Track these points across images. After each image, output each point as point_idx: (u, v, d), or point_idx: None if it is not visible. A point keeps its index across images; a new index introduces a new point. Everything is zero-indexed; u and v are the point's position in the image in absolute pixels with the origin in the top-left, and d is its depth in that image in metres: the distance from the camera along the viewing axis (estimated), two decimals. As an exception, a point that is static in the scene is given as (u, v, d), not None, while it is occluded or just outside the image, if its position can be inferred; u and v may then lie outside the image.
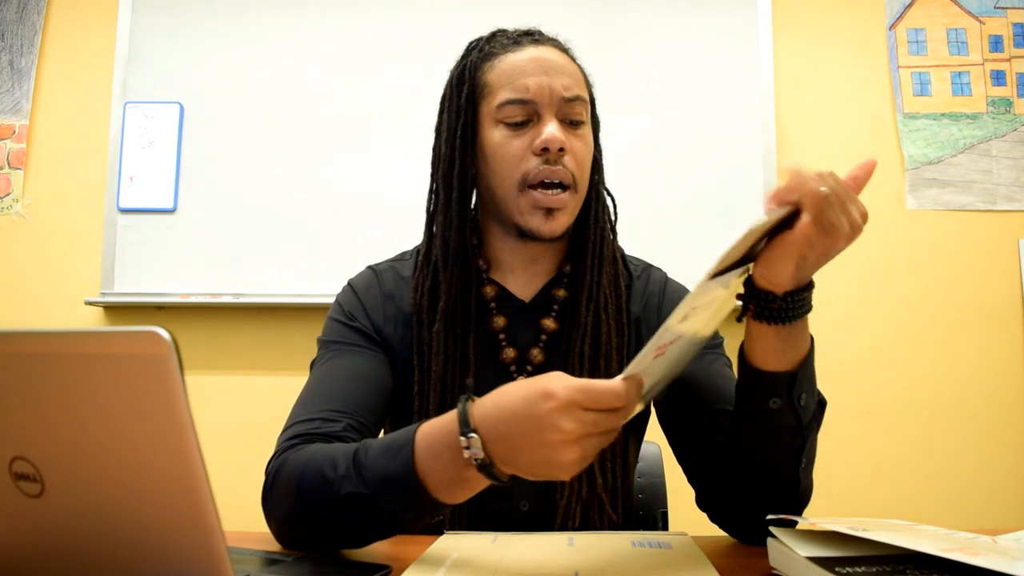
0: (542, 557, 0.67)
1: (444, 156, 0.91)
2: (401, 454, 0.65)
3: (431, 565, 0.64)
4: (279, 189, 2.31)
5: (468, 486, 0.63)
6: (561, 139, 0.85)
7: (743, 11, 2.35)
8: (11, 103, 2.42)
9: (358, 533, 0.70)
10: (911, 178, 2.36)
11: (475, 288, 0.92)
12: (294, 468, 0.73)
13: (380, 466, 0.66)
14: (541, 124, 0.86)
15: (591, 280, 0.91)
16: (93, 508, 0.44)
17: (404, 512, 0.66)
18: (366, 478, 0.66)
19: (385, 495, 0.65)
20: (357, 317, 0.92)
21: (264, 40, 2.36)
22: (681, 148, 2.31)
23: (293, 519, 0.72)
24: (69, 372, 0.42)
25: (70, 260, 2.37)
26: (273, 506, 0.75)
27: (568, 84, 0.88)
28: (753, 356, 0.73)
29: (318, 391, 0.86)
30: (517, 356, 0.92)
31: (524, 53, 0.89)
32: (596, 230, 0.94)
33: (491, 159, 0.89)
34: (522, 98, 0.86)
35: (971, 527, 0.67)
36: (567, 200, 0.88)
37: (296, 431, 0.80)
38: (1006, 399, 2.27)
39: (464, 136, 0.90)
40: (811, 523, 0.61)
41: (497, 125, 0.88)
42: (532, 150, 0.86)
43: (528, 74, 0.87)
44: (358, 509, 0.66)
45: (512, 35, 0.92)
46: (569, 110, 0.88)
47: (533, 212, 0.87)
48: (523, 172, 0.86)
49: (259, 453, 0.80)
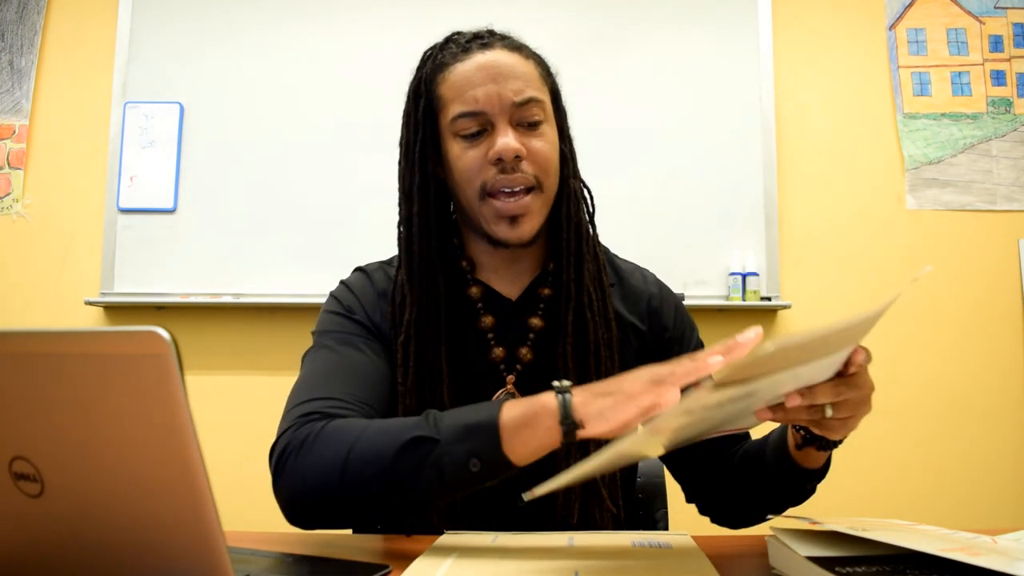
0: (542, 557, 0.67)
1: (405, 169, 0.91)
2: (485, 408, 0.70)
3: (431, 565, 0.64)
4: (279, 189, 2.31)
5: (537, 434, 0.67)
6: (515, 147, 0.85)
7: (743, 11, 2.35)
8: (11, 103, 2.42)
9: (403, 490, 0.69)
10: (911, 178, 2.36)
11: (457, 290, 0.92)
12: (344, 428, 0.73)
13: (460, 417, 0.70)
14: (495, 133, 0.86)
15: (568, 279, 0.91)
16: (93, 508, 0.44)
17: (468, 459, 0.67)
18: (440, 427, 0.69)
19: (456, 441, 0.68)
20: (355, 311, 0.92)
21: (264, 40, 2.36)
22: (681, 148, 2.31)
23: (329, 480, 0.71)
24: (69, 372, 0.42)
25: (70, 260, 2.37)
26: (298, 471, 0.73)
27: (519, 87, 0.86)
28: (795, 455, 0.80)
29: (325, 374, 0.85)
30: (506, 355, 0.92)
31: (471, 62, 0.87)
32: (569, 227, 0.92)
33: (452, 172, 0.89)
34: (472, 110, 0.86)
35: (971, 527, 0.67)
36: (530, 203, 0.87)
37: (311, 408, 0.79)
38: (1006, 399, 2.28)
39: (423, 149, 0.89)
40: (811, 523, 0.61)
41: (454, 138, 0.88)
42: (488, 160, 0.86)
43: (476, 84, 0.85)
44: (418, 455, 0.68)
45: (462, 41, 0.90)
46: (524, 113, 0.87)
47: (498, 221, 0.87)
48: (481, 182, 0.86)
49: (259, 453, 0.80)
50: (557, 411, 0.66)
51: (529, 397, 0.69)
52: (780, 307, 2.27)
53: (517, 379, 0.91)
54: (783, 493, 0.85)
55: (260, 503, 0.76)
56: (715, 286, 2.27)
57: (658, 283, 1.02)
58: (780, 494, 0.85)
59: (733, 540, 0.79)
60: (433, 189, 0.91)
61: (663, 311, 0.98)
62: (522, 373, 0.91)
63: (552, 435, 0.67)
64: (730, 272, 2.26)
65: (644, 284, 1.00)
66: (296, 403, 0.81)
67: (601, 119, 2.30)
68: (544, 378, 0.90)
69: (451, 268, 0.93)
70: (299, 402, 0.81)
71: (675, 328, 0.99)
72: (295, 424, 0.77)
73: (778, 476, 0.83)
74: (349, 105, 2.33)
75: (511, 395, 0.90)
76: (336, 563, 0.67)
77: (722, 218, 2.29)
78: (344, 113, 2.33)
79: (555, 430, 0.66)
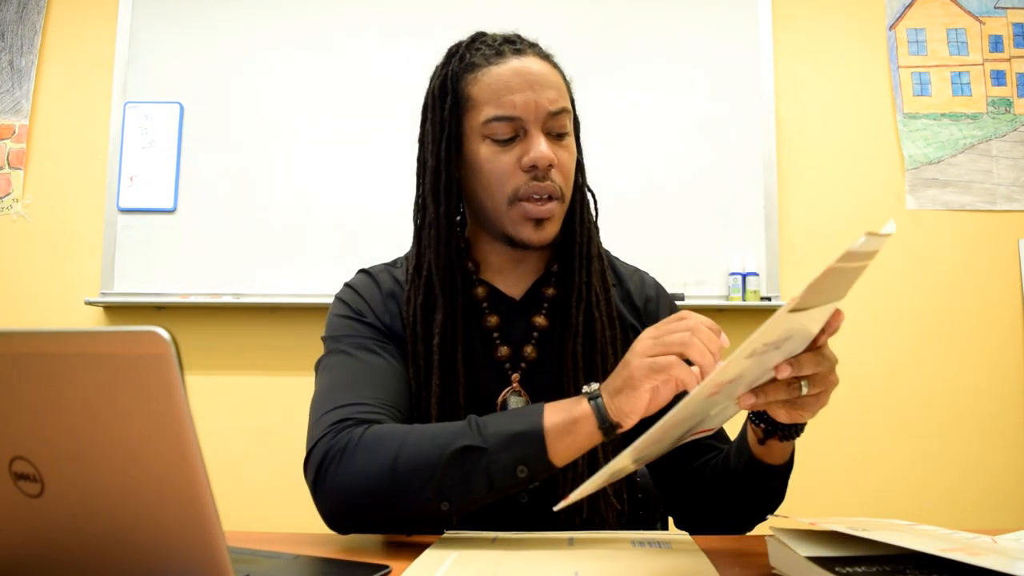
0: (542, 557, 0.67)
1: (430, 168, 0.91)
2: (528, 416, 0.73)
3: (431, 565, 0.64)
4: (279, 189, 2.31)
5: (579, 439, 0.72)
6: (551, 157, 0.86)
7: (743, 11, 2.35)
8: (11, 103, 2.42)
9: (452, 497, 0.72)
10: (911, 178, 2.36)
11: (465, 290, 0.93)
12: (386, 434, 0.75)
13: (503, 425, 0.73)
14: (528, 140, 0.86)
15: (579, 281, 0.92)
16: (93, 508, 0.44)
17: (516, 467, 0.72)
18: (486, 434, 0.72)
19: (503, 449, 0.72)
20: (366, 314, 0.92)
21: (264, 40, 2.36)
22: (681, 148, 2.31)
23: (377, 487, 0.72)
24: (69, 372, 0.42)
25: (70, 260, 2.37)
26: (344, 478, 0.74)
27: (553, 97, 0.87)
28: (758, 453, 0.81)
29: (348, 380, 0.85)
30: (511, 354, 0.93)
31: (507, 65, 0.87)
32: (583, 232, 0.94)
33: (478, 173, 0.89)
34: (509, 115, 0.86)
35: (971, 527, 0.67)
36: (555, 210, 0.89)
37: (343, 414, 0.79)
38: (1006, 399, 2.28)
39: (449, 148, 0.90)
40: (811, 523, 0.61)
41: (484, 140, 0.88)
42: (521, 167, 0.86)
43: (514, 90, 0.86)
44: (468, 463, 0.71)
45: (493, 43, 0.90)
46: (555, 123, 0.88)
47: (523, 223, 0.88)
48: (513, 187, 0.87)
49: (259, 453, 0.80)
50: (594, 417, 0.72)
51: (565, 403, 0.74)
52: (780, 307, 2.26)
53: (522, 377, 0.92)
54: (753, 496, 0.85)
55: (260, 503, 0.76)
56: (715, 286, 2.27)
57: (655, 286, 1.04)
58: (751, 498, 0.85)
59: (733, 540, 0.79)
60: (455, 190, 0.91)
61: (659, 312, 1.00)
62: (526, 371, 0.93)
63: (593, 438, 0.73)
64: (730, 272, 2.26)
65: (642, 287, 1.02)
66: (325, 411, 0.81)
67: (601, 119, 2.30)
68: (548, 376, 0.92)
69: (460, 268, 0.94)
70: (328, 409, 0.81)
71: None
72: (331, 431, 0.77)
73: (746, 478, 0.83)
74: (349, 105, 2.33)
75: (517, 393, 0.92)
76: (336, 563, 0.67)
77: (722, 218, 2.29)
78: (344, 113, 2.33)
79: (596, 434, 0.72)
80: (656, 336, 0.70)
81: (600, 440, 0.72)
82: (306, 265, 2.28)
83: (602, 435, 0.72)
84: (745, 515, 0.87)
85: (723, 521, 0.89)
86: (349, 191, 2.30)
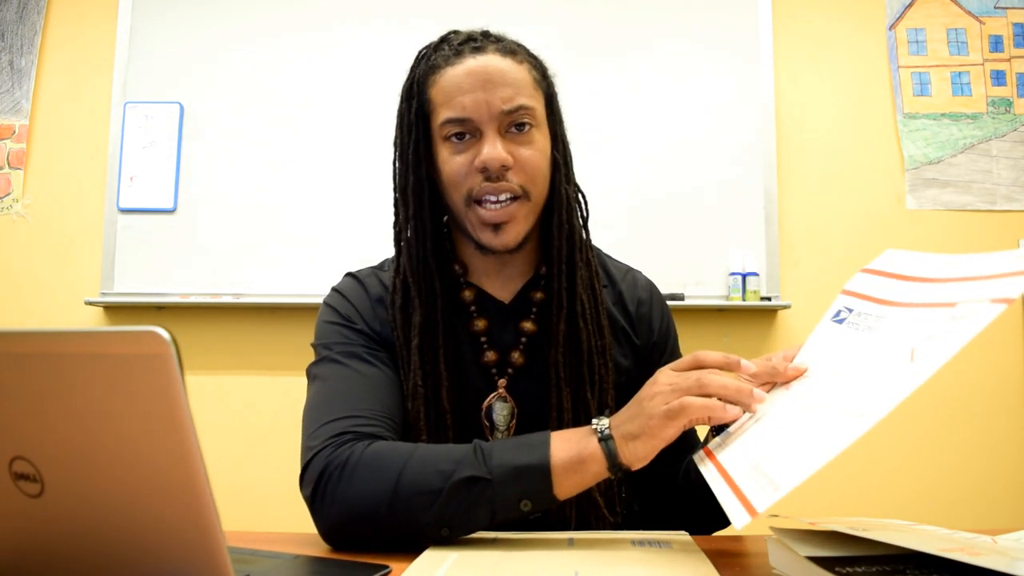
0: (542, 557, 0.67)
1: (399, 171, 0.91)
2: (535, 449, 0.72)
3: (431, 565, 0.64)
4: (279, 189, 2.31)
5: (586, 478, 0.71)
6: (501, 157, 0.84)
7: (743, 11, 2.35)
8: (11, 103, 2.42)
9: (453, 525, 0.71)
10: (911, 178, 2.36)
11: (450, 292, 0.92)
12: (388, 453, 0.74)
13: (510, 456, 0.72)
14: (482, 141, 0.85)
15: (559, 287, 0.90)
16: (93, 508, 0.44)
17: (519, 500, 0.71)
18: (491, 465, 0.71)
19: (508, 481, 0.70)
20: (355, 321, 0.91)
21: (264, 40, 2.36)
22: (681, 148, 2.31)
23: (378, 509, 0.71)
24: (69, 372, 0.42)
25: (70, 260, 2.37)
26: (344, 496, 0.73)
27: (508, 95, 0.85)
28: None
29: (342, 391, 0.84)
30: (498, 359, 0.92)
31: (462, 66, 0.86)
32: (560, 235, 0.91)
33: (441, 175, 0.88)
34: (459, 116, 0.85)
35: (971, 527, 0.67)
36: (515, 211, 0.87)
37: (341, 427, 0.78)
38: (1006, 399, 2.28)
39: (417, 150, 0.89)
40: (811, 523, 0.61)
41: (444, 141, 0.87)
42: (474, 167, 0.85)
43: (464, 91, 0.85)
44: (472, 494, 0.70)
45: (455, 43, 0.89)
46: (512, 120, 0.86)
47: (483, 228, 0.87)
48: (467, 188, 0.86)
49: (259, 453, 0.79)
50: (604, 459, 0.71)
51: (574, 437, 0.73)
52: (780, 307, 2.27)
53: (508, 383, 0.91)
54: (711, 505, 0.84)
55: (260, 503, 0.76)
56: (715, 286, 2.27)
57: (648, 287, 1.02)
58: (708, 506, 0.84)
59: (733, 540, 0.79)
60: (427, 191, 0.90)
61: (652, 316, 0.98)
62: (513, 377, 0.91)
63: (600, 477, 0.72)
64: (730, 272, 2.26)
65: (634, 289, 1.00)
66: (322, 422, 0.80)
67: (601, 119, 2.30)
68: (535, 382, 0.90)
69: (444, 271, 0.93)
70: (324, 421, 0.80)
71: (660, 333, 0.99)
72: (330, 444, 0.76)
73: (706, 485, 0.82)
74: (349, 105, 2.33)
75: (503, 399, 0.91)
76: (336, 563, 0.67)
77: (722, 218, 2.29)
78: (344, 113, 2.33)
79: (604, 474, 0.72)
80: (673, 384, 0.70)
81: (607, 477, 0.72)
82: (306, 265, 2.28)
83: (610, 475, 0.72)
84: (707, 522, 0.87)
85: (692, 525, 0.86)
86: (349, 191, 2.30)
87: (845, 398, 0.61)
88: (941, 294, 0.60)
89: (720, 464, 0.69)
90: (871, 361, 0.62)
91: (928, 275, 0.63)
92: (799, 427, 0.63)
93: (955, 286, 0.59)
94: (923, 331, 0.58)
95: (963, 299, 0.56)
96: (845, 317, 0.72)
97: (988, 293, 0.54)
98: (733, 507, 0.58)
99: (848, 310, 0.72)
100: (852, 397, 0.60)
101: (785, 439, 0.63)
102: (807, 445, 0.58)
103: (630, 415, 0.71)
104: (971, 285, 0.57)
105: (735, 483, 0.62)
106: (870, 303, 0.69)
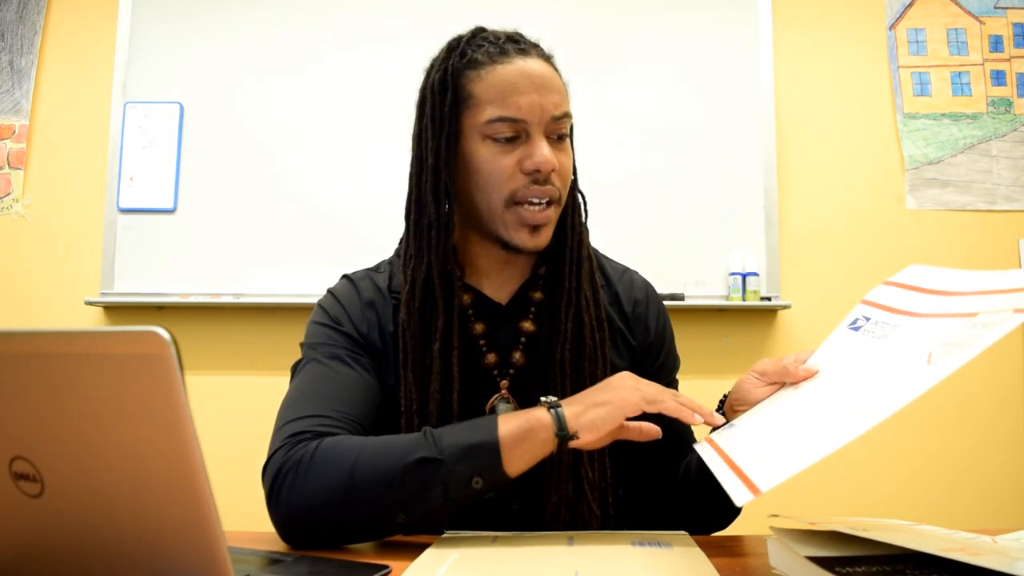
0: (542, 557, 0.67)
1: (430, 167, 0.89)
2: (483, 427, 0.74)
3: (431, 565, 0.64)
4: (279, 189, 2.31)
5: (533, 447, 0.73)
6: (554, 162, 0.85)
7: (743, 11, 2.35)
8: (11, 103, 2.42)
9: (408, 509, 0.71)
10: (911, 178, 2.36)
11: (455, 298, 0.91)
12: (341, 447, 0.74)
13: (459, 436, 0.73)
14: (530, 144, 0.85)
15: (569, 285, 0.91)
16: (93, 508, 0.44)
17: (471, 478, 0.72)
18: (441, 446, 0.72)
19: (459, 460, 0.72)
20: (343, 323, 0.91)
21: (264, 40, 2.36)
22: (681, 148, 2.31)
23: (334, 502, 0.72)
24: (69, 372, 0.42)
25: (70, 260, 2.37)
26: (299, 493, 0.73)
27: (557, 101, 0.86)
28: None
29: (315, 391, 0.85)
30: (498, 360, 0.91)
31: (513, 65, 0.86)
32: (573, 235, 0.92)
33: (476, 173, 0.87)
34: (513, 116, 0.84)
35: (971, 527, 0.67)
36: (552, 214, 0.88)
37: (301, 427, 0.79)
38: (1006, 400, 2.28)
39: (448, 147, 0.88)
40: (811, 523, 0.61)
41: (484, 139, 0.86)
42: (521, 169, 0.85)
43: (520, 92, 0.84)
44: (424, 475, 0.71)
45: (496, 41, 0.88)
46: (557, 127, 0.86)
47: (519, 228, 0.87)
48: (511, 190, 0.85)
49: (259, 453, 0.79)
50: (552, 424, 0.73)
51: (521, 412, 0.76)
52: (780, 307, 2.27)
53: (511, 384, 0.91)
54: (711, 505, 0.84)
55: (260, 503, 0.76)
56: (715, 286, 2.27)
57: (644, 288, 1.02)
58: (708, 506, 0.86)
59: (733, 540, 0.79)
60: (452, 190, 0.89)
61: (648, 316, 0.99)
62: (515, 377, 0.91)
63: (547, 446, 0.73)
64: (730, 272, 2.26)
65: (631, 289, 1.00)
66: (285, 421, 0.81)
67: (601, 119, 2.30)
68: (537, 382, 0.90)
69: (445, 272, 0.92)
70: (287, 420, 0.81)
71: (656, 333, 0.99)
72: (286, 444, 0.77)
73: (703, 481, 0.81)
74: (349, 104, 2.33)
75: (506, 400, 0.91)
76: (336, 563, 0.67)
77: (722, 218, 2.29)
78: (344, 112, 2.33)
79: (550, 441, 0.73)
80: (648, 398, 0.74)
81: (553, 448, 0.73)
82: (306, 265, 2.28)
83: (556, 443, 0.72)
84: (705, 523, 0.88)
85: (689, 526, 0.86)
86: (349, 191, 2.30)
87: (856, 395, 0.61)
88: (961, 305, 0.61)
89: (720, 448, 0.69)
90: (884, 364, 0.62)
91: (949, 288, 0.64)
92: (806, 419, 0.63)
93: (976, 298, 0.60)
94: (941, 338, 0.59)
95: (985, 309, 0.57)
96: (862, 325, 0.72)
97: (1011, 304, 0.55)
98: (733, 485, 0.58)
99: (865, 319, 0.72)
100: (863, 394, 0.60)
101: (791, 429, 0.63)
102: (814, 434, 0.59)
103: (599, 399, 0.75)
104: (992, 297, 0.58)
105: (735, 464, 0.62)
106: (888, 313, 0.69)
